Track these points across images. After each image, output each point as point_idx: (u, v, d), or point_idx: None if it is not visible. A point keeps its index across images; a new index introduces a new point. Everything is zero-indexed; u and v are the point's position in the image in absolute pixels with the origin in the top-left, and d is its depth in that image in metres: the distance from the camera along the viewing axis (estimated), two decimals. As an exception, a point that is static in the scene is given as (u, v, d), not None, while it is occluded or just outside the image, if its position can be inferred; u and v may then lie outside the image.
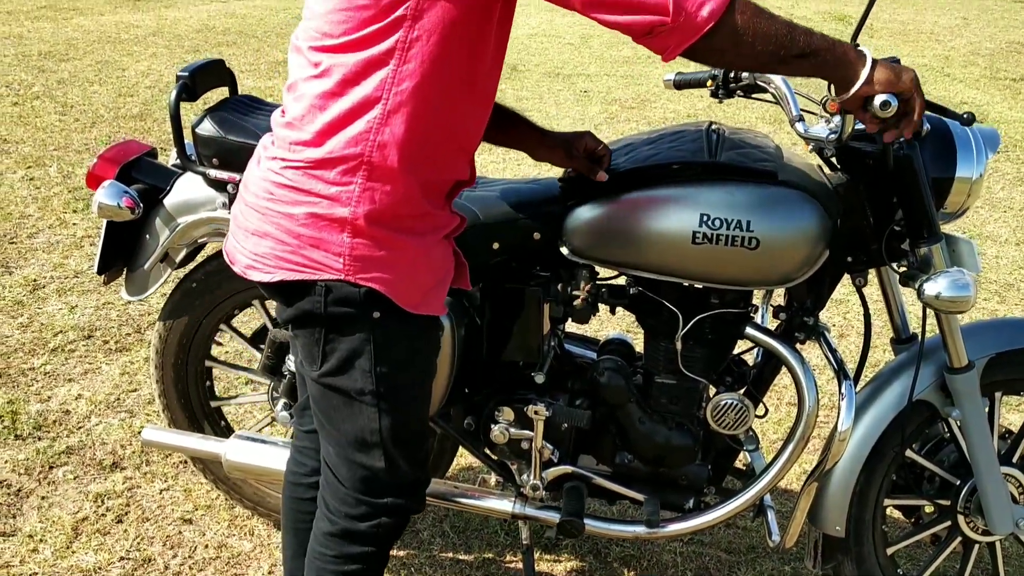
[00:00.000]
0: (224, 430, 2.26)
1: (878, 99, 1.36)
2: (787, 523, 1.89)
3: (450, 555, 2.25)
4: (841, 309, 3.49)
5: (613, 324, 3.11)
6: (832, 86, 1.42)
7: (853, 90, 1.36)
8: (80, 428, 2.65)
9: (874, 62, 1.36)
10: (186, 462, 2.50)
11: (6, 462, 2.49)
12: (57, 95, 6.13)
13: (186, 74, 1.86)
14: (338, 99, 1.32)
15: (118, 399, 2.80)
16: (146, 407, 2.76)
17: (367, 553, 1.57)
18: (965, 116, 1.55)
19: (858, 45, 1.44)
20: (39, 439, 2.59)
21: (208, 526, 2.31)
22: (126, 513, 2.33)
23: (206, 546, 2.24)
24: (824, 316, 1.93)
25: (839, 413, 1.75)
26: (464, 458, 2.50)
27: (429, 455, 1.97)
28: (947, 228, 1.75)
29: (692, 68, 1.66)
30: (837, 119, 1.66)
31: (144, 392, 2.84)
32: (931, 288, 1.61)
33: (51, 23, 8.61)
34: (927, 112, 1.53)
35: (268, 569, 2.18)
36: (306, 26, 1.37)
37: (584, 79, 7.38)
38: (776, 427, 2.75)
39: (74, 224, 4.05)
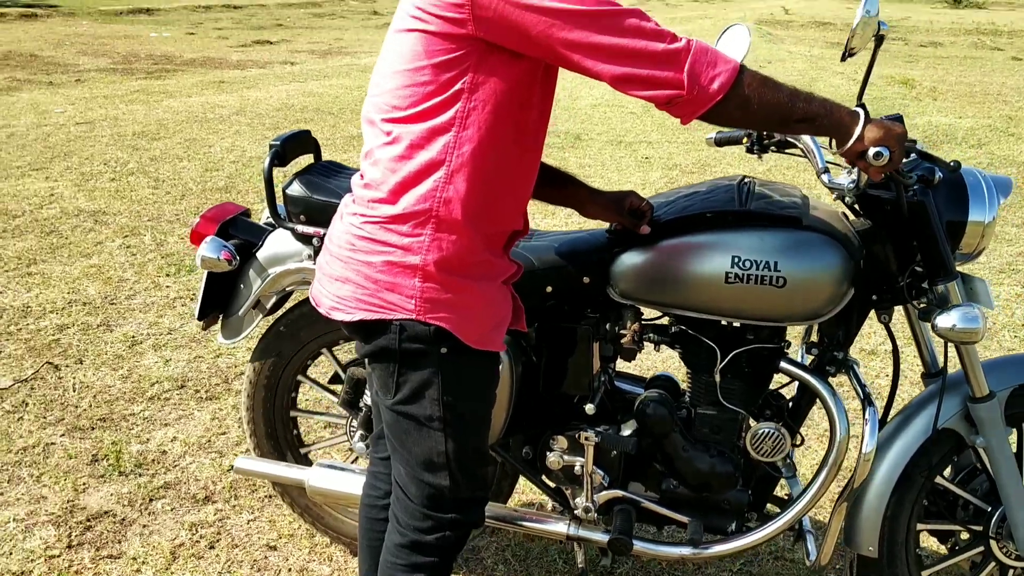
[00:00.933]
0: (307, 462, 2.48)
1: (871, 151, 1.55)
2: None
3: (512, 581, 2.42)
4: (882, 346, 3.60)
5: (662, 365, 3.27)
6: (832, 142, 1.61)
7: (847, 146, 1.57)
8: (176, 466, 2.91)
9: (866, 121, 1.56)
10: (271, 496, 2.73)
11: (111, 494, 2.75)
12: (150, 171, 6.59)
13: (277, 143, 2.14)
14: (407, 162, 1.56)
15: (209, 441, 3.05)
16: (234, 448, 3.01)
17: (432, 563, 1.76)
18: (952, 164, 1.73)
19: (863, 104, 1.64)
20: (140, 475, 2.85)
21: (291, 552, 2.52)
22: (217, 540, 2.56)
23: (289, 570, 2.45)
24: (866, 353, 2.07)
25: (863, 437, 1.89)
26: (524, 491, 2.68)
27: (491, 478, 2.15)
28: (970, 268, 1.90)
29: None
30: (856, 170, 1.85)
31: (232, 435, 3.09)
32: (944, 321, 1.77)
33: (144, 105, 9.22)
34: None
35: (345, 591, 2.38)
36: (375, 101, 1.61)
37: (645, 146, 7.64)
38: (814, 455, 2.86)
39: (167, 287, 4.39)
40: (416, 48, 1.51)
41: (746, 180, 2.00)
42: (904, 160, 1.75)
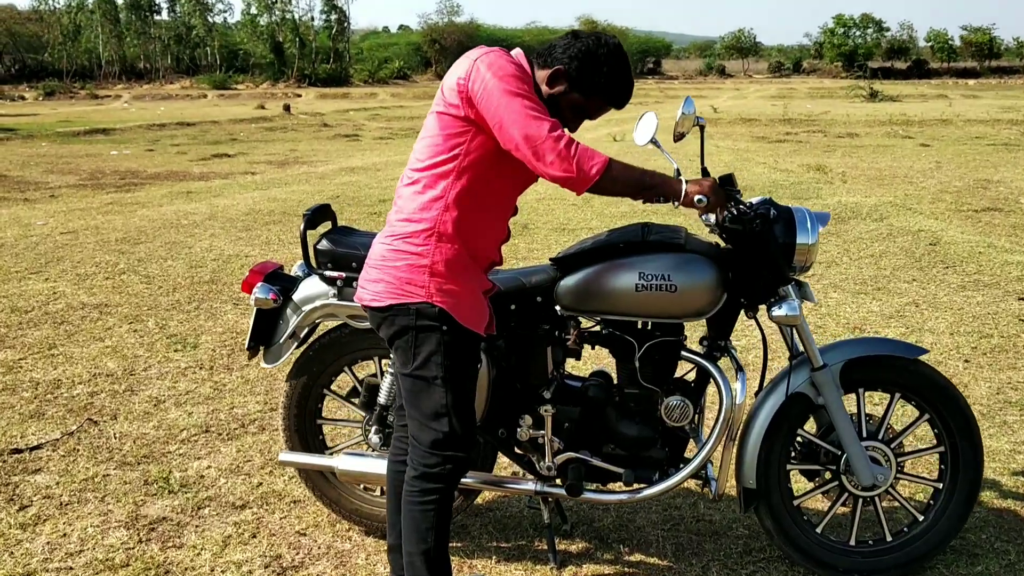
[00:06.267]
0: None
1: (695, 199, 2.41)
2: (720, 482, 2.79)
3: (494, 544, 3.13)
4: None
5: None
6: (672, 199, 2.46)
7: (680, 200, 2.43)
8: (213, 485, 3.58)
9: (687, 182, 2.43)
10: (296, 501, 3.42)
11: (166, 506, 3.40)
12: (139, 270, 7.29)
13: (309, 213, 2.93)
14: (421, 196, 2.39)
15: (238, 466, 3.73)
16: (259, 471, 3.69)
17: (438, 488, 2.48)
18: (764, 199, 2.62)
19: (704, 169, 2.53)
20: (186, 492, 3.51)
21: (318, 536, 3.20)
22: (258, 531, 3.23)
23: (319, 547, 3.13)
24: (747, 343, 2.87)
25: (736, 393, 2.69)
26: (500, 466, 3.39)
27: (474, 429, 2.85)
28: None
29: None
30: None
31: (256, 462, 3.77)
32: (776, 311, 2.62)
33: (120, 216, 9.94)
34: (785, 204, 2.62)
35: (364, 557, 3.06)
36: (411, 158, 2.45)
37: (586, 231, 8.57)
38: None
39: (178, 359, 5.08)
40: (437, 123, 2.38)
41: (646, 224, 2.83)
42: (749, 205, 2.61)
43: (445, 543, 2.54)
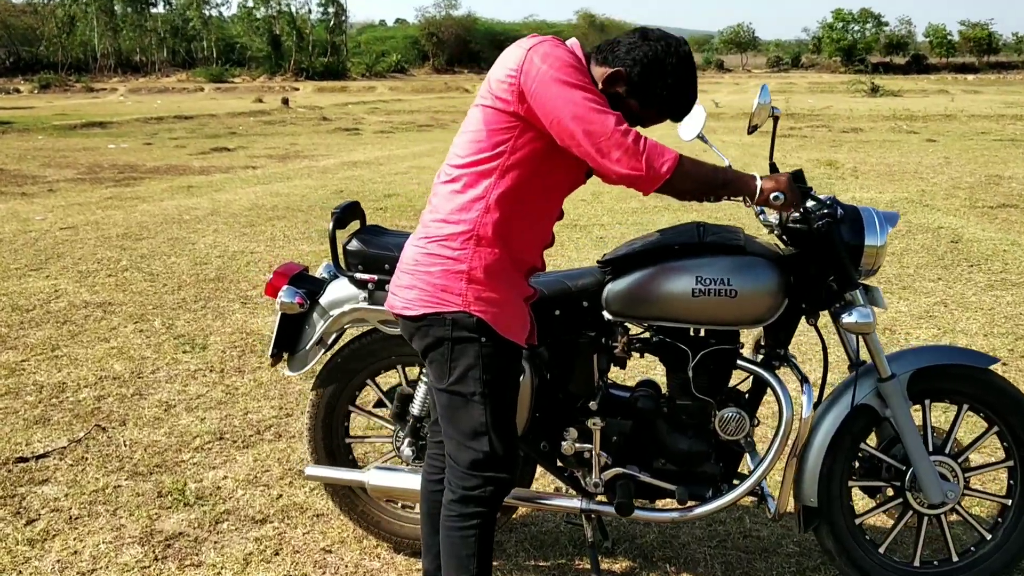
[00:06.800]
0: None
1: (771, 196, 2.22)
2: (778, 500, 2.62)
3: (531, 563, 2.95)
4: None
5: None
6: (745, 197, 2.28)
7: (755, 199, 2.25)
8: (231, 497, 3.39)
9: (763, 179, 2.24)
10: (319, 515, 3.23)
11: (182, 520, 3.22)
12: (142, 267, 7.09)
13: (338, 211, 2.74)
14: (461, 195, 2.19)
15: (256, 477, 3.55)
16: (279, 481, 3.50)
17: (479, 512, 2.30)
18: (830, 199, 2.42)
19: (773, 164, 2.33)
20: (202, 505, 3.33)
21: (345, 554, 3.02)
22: (280, 548, 3.05)
23: (346, 566, 2.95)
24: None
25: (803, 407, 2.51)
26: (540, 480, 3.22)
27: (517, 447, 2.68)
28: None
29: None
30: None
31: (275, 472, 3.59)
32: (847, 318, 2.43)
33: (120, 211, 9.74)
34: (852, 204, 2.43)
35: (395, 578, 2.88)
36: (450, 152, 2.25)
37: (599, 228, 8.40)
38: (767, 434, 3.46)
39: (186, 361, 4.89)
40: (481, 117, 2.17)
41: (700, 223, 2.65)
42: (814, 202, 2.43)
43: (488, 570, 2.36)
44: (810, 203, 2.47)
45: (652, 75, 2.20)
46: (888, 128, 20.58)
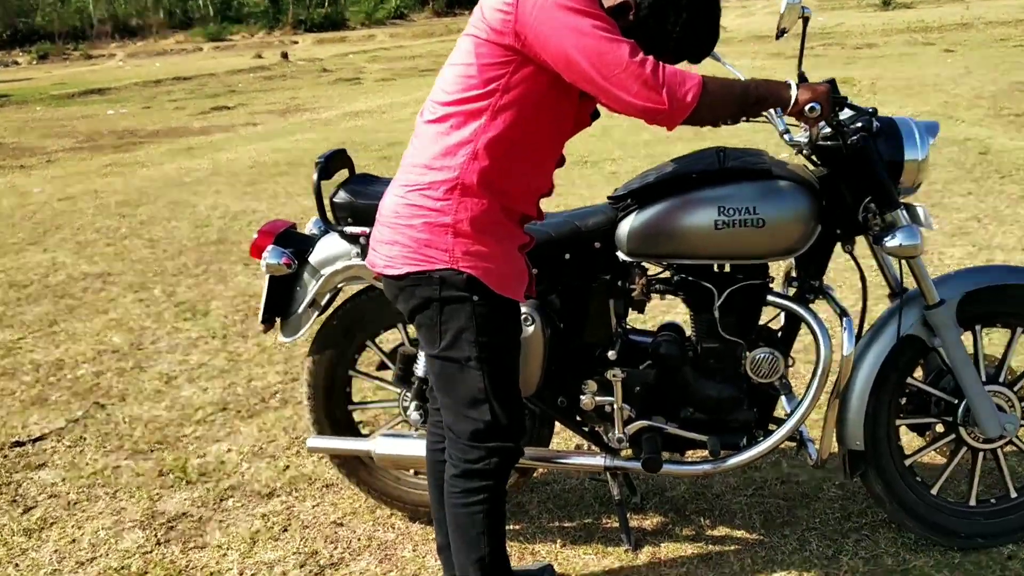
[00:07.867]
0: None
1: (806, 108, 1.96)
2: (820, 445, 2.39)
3: (556, 524, 2.76)
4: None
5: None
6: (779, 108, 2.02)
7: (788, 109, 1.99)
8: (236, 472, 3.21)
9: (798, 87, 1.98)
10: (328, 486, 3.05)
11: (185, 499, 3.04)
12: (142, 233, 6.88)
13: (322, 160, 2.50)
14: (445, 137, 1.93)
15: (261, 448, 3.36)
16: (285, 452, 3.32)
17: (484, 486, 2.09)
18: (871, 110, 2.14)
19: (802, 73, 2.05)
20: (206, 482, 3.15)
21: (357, 526, 2.83)
22: (289, 523, 2.87)
23: (359, 539, 2.76)
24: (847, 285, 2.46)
25: (843, 343, 2.27)
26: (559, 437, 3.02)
27: (522, 412, 2.47)
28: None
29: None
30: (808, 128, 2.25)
31: (281, 442, 3.40)
32: (891, 241, 2.17)
33: (119, 177, 9.50)
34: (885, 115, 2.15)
35: (411, 549, 2.69)
36: (436, 85, 1.99)
37: (610, 163, 8.09)
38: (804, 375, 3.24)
39: (187, 330, 4.69)
40: (471, 49, 1.90)
41: (720, 148, 2.39)
42: (847, 115, 2.16)
43: (501, 546, 2.16)
44: (844, 115, 2.21)
45: (662, 8, 1.93)
46: (903, 41, 19.91)
